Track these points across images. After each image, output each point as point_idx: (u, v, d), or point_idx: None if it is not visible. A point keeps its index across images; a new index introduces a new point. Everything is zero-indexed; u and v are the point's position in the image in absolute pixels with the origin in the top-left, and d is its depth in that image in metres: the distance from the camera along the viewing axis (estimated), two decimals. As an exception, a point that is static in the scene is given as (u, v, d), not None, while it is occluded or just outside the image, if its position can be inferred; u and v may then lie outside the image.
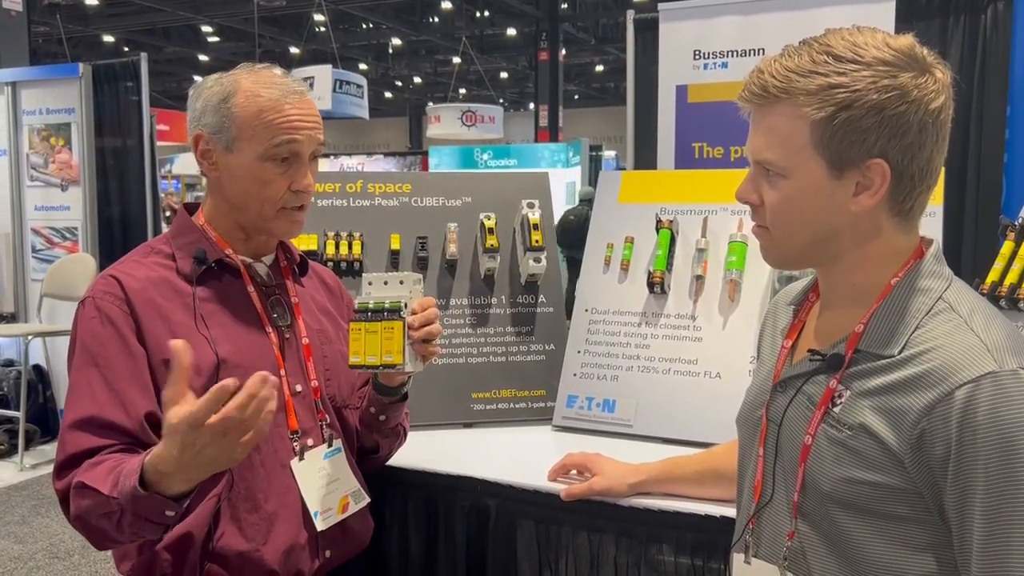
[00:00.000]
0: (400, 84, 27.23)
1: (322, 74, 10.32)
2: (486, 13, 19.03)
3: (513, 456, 1.93)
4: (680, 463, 1.62)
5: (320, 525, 1.47)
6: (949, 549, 1.01)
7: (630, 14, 4.32)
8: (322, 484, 1.50)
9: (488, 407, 2.15)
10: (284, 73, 1.49)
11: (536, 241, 2.19)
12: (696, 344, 2.03)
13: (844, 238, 1.08)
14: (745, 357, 1.95)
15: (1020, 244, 1.99)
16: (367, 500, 1.58)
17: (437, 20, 19.74)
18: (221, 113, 1.44)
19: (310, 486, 1.48)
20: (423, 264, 2.21)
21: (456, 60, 20.82)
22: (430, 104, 17.09)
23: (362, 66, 21.82)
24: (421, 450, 1.81)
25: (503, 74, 25.34)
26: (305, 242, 2.12)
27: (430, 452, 1.84)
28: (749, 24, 3.64)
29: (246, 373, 1.37)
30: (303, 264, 1.65)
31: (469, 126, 13.48)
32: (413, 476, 1.77)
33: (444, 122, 13.62)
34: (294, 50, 19.63)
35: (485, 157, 10.64)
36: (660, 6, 3.89)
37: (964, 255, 3.54)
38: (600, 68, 24.35)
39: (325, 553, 1.50)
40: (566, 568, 1.65)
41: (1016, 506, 0.95)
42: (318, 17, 15.73)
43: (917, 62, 1.03)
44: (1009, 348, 0.99)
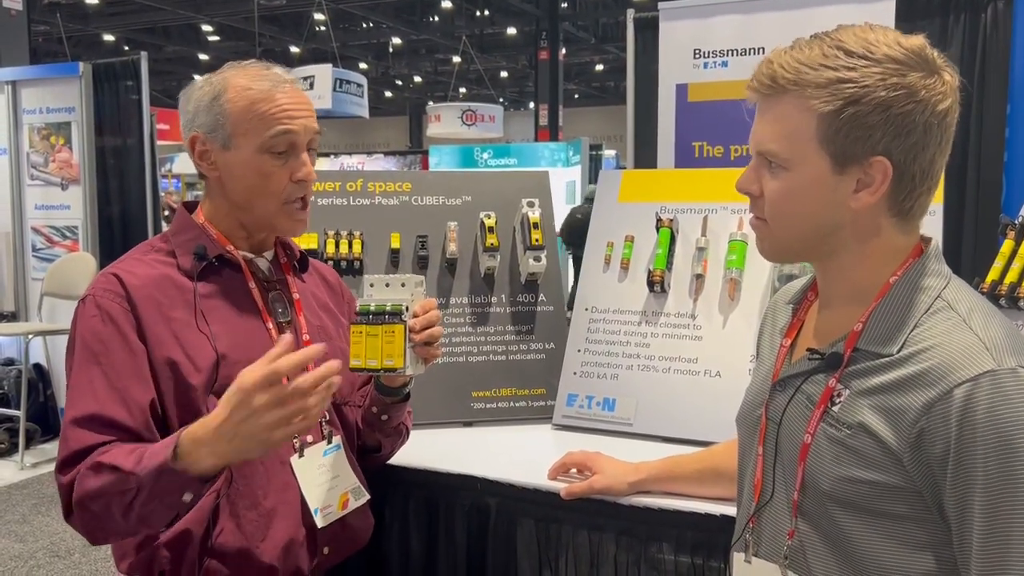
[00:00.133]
0: (400, 83, 27.23)
1: (322, 73, 10.31)
2: (486, 12, 19.02)
3: (513, 455, 1.93)
4: (680, 462, 1.62)
5: (320, 522, 1.47)
6: (948, 548, 1.01)
7: (630, 13, 4.32)
8: (322, 481, 1.50)
9: (488, 406, 2.15)
10: (271, 66, 1.49)
11: (536, 240, 2.19)
12: (696, 343, 2.03)
13: (842, 235, 1.08)
14: (745, 356, 1.95)
15: (1020, 243, 1.99)
16: (367, 497, 1.58)
17: (437, 19, 19.74)
18: (214, 112, 1.44)
19: (310, 483, 1.48)
20: (423, 263, 2.22)
21: (456, 59, 20.82)
22: (430, 103, 17.09)
23: (362, 65, 21.82)
24: (421, 449, 1.81)
25: (503, 73, 25.34)
26: (305, 241, 2.12)
27: (430, 451, 1.84)
28: (749, 23, 3.64)
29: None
30: (303, 260, 1.65)
31: (469, 125, 13.47)
32: (413, 475, 1.77)
33: (444, 121, 13.61)
34: (294, 49, 19.63)
35: (485, 156, 10.63)
36: (660, 5, 3.89)
37: (964, 254, 3.54)
38: (600, 67, 24.35)
39: (324, 550, 1.50)
40: (566, 567, 1.65)
41: (1015, 504, 0.95)
42: (318, 16, 15.73)
43: (927, 63, 1.03)
44: (1008, 347, 0.99)
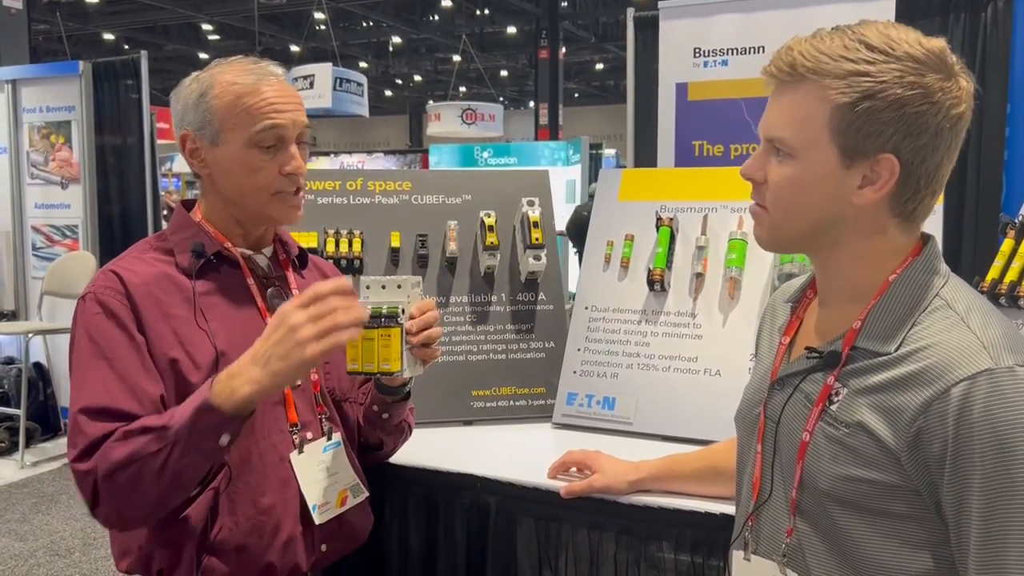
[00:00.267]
0: (400, 82, 27.23)
1: (322, 72, 10.31)
2: (486, 11, 19.02)
3: (513, 454, 1.93)
4: (680, 460, 1.62)
5: (318, 518, 1.47)
6: (946, 546, 1.01)
7: (630, 12, 4.32)
8: (321, 477, 1.50)
9: (488, 405, 2.16)
10: (259, 60, 1.49)
11: (536, 239, 2.19)
12: (696, 342, 2.03)
13: (842, 229, 1.08)
14: (745, 355, 1.95)
15: (1020, 242, 1.99)
16: (365, 495, 1.58)
17: (437, 18, 19.74)
18: (201, 108, 1.45)
19: (308, 479, 1.48)
20: (423, 262, 2.22)
21: (456, 58, 20.81)
22: (430, 102, 17.08)
23: (362, 64, 21.83)
24: (421, 448, 1.81)
25: (503, 72, 25.33)
26: (305, 239, 2.12)
27: (430, 450, 1.84)
28: (749, 22, 3.64)
29: None
30: (303, 257, 1.65)
31: (469, 124, 13.45)
32: (413, 473, 1.78)
33: (444, 120, 13.60)
34: (294, 48, 19.62)
35: (485, 155, 10.61)
36: (660, 4, 3.89)
37: (964, 253, 3.54)
38: (600, 66, 24.34)
39: (322, 547, 1.50)
40: (566, 566, 1.65)
41: (1012, 503, 0.95)
42: (318, 15, 15.73)
43: (946, 66, 1.02)
44: (1005, 345, 0.99)
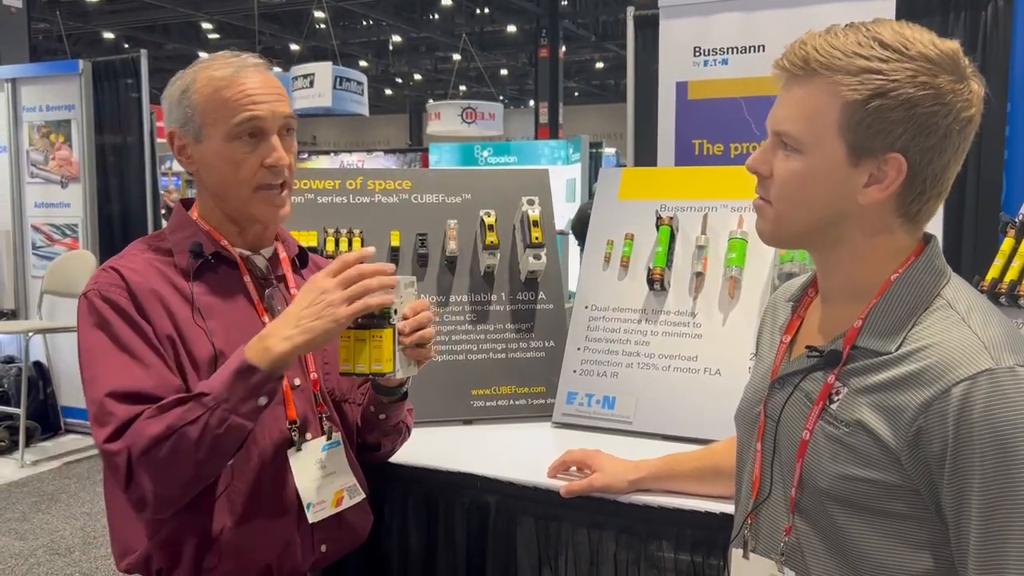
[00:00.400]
0: (400, 81, 27.22)
1: (322, 71, 10.30)
2: (486, 10, 19.02)
3: (513, 453, 1.93)
4: (680, 460, 1.62)
5: (312, 517, 1.47)
6: (946, 546, 1.01)
7: (630, 11, 4.32)
8: (317, 476, 1.50)
9: (488, 404, 2.16)
10: (240, 53, 1.49)
11: (536, 238, 2.19)
12: (696, 341, 2.03)
13: (845, 227, 1.08)
14: (745, 354, 1.95)
15: (1020, 241, 1.99)
16: (362, 495, 1.57)
17: (437, 17, 19.74)
18: (184, 105, 1.46)
19: (305, 477, 1.48)
20: (423, 261, 2.22)
21: (456, 57, 20.81)
22: (430, 101, 17.07)
23: (362, 63, 21.83)
24: (421, 447, 1.81)
25: (503, 71, 25.33)
26: (305, 238, 2.12)
27: (430, 449, 1.84)
28: (749, 21, 3.63)
29: None
30: (303, 256, 1.65)
31: (469, 123, 13.44)
32: (413, 473, 1.78)
33: (444, 119, 13.58)
34: (294, 47, 19.62)
35: (485, 154, 10.61)
36: (660, 3, 3.88)
37: (964, 252, 3.54)
38: (600, 65, 24.34)
39: (320, 548, 1.50)
40: (566, 565, 1.65)
41: (1012, 503, 0.95)
42: (318, 14, 15.72)
43: (959, 68, 1.02)
44: (1006, 345, 0.99)
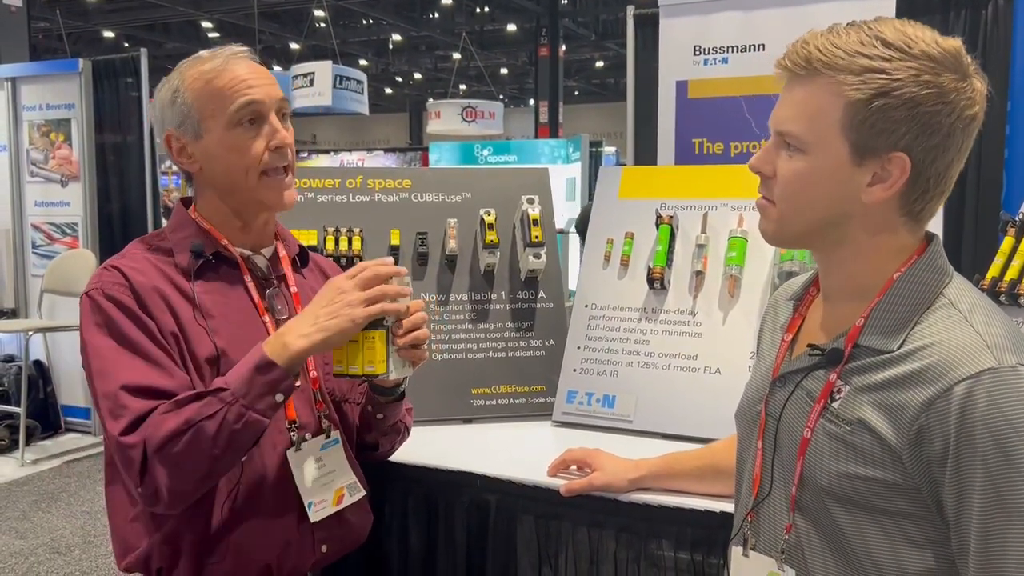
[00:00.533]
0: (400, 80, 27.21)
1: (322, 70, 10.29)
2: (486, 9, 19.01)
3: (513, 452, 1.93)
4: (680, 459, 1.62)
5: (313, 516, 1.47)
6: (947, 545, 1.01)
7: (630, 10, 4.32)
8: (318, 475, 1.50)
9: (488, 403, 2.16)
10: (220, 48, 1.49)
11: (536, 237, 2.19)
12: (696, 340, 2.03)
13: (849, 227, 1.08)
14: (745, 353, 1.95)
15: (1020, 240, 1.99)
16: (363, 493, 1.57)
17: (437, 16, 19.73)
18: (177, 105, 1.46)
19: (305, 476, 1.48)
20: (423, 260, 2.22)
21: (456, 56, 20.79)
22: (430, 100, 17.05)
23: (362, 62, 21.82)
24: (421, 446, 1.81)
25: (503, 70, 25.32)
26: (305, 237, 2.12)
27: (430, 448, 1.84)
28: (749, 19, 3.63)
29: None
30: (303, 255, 1.65)
31: (469, 122, 13.42)
32: (413, 472, 1.78)
33: (444, 118, 13.57)
34: (294, 46, 19.62)
35: (485, 153, 10.60)
36: (660, 1, 3.87)
37: (964, 251, 3.54)
38: (600, 64, 24.33)
39: (321, 547, 1.50)
40: (566, 564, 1.65)
41: (1013, 502, 0.95)
42: (318, 13, 15.71)
43: (962, 66, 1.02)
44: (1008, 345, 0.99)
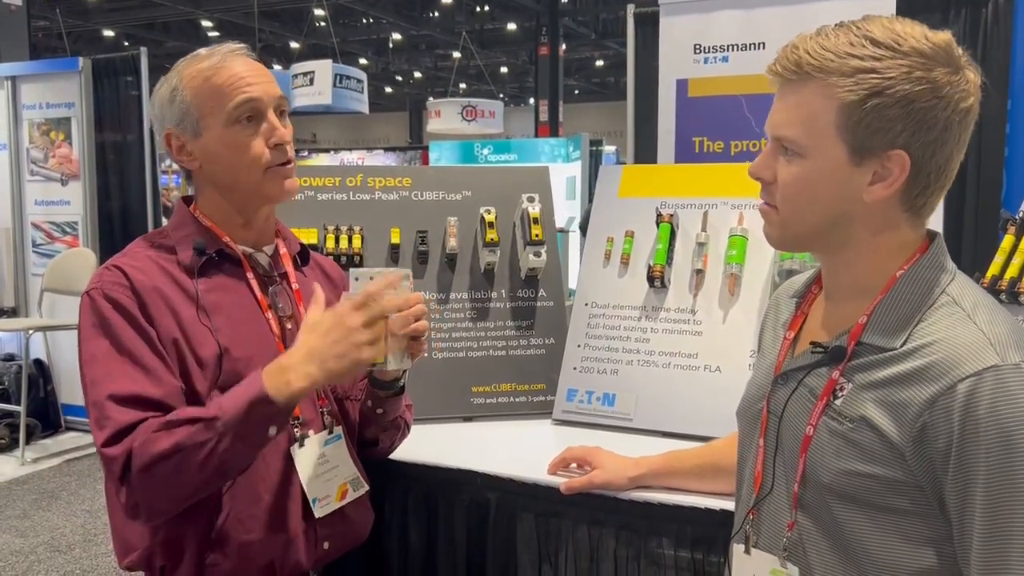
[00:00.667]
0: (400, 79, 27.20)
1: (322, 69, 10.28)
2: (486, 8, 19.01)
3: (513, 450, 1.93)
4: (680, 457, 1.62)
5: (317, 511, 1.47)
6: (949, 543, 1.01)
7: (630, 8, 4.32)
8: (321, 471, 1.50)
9: (488, 401, 2.16)
10: (217, 46, 1.49)
11: (536, 235, 2.19)
12: (696, 338, 2.03)
13: (852, 227, 1.08)
14: (745, 351, 1.95)
15: (1020, 238, 1.99)
16: (365, 488, 1.58)
17: (437, 15, 19.72)
18: (176, 103, 1.46)
19: (309, 473, 1.48)
20: (423, 258, 2.21)
21: (456, 55, 20.78)
22: (430, 99, 17.04)
23: (362, 61, 21.80)
24: (421, 444, 1.81)
25: (503, 69, 25.31)
26: (305, 235, 2.12)
27: (430, 446, 1.84)
28: (749, 18, 3.63)
29: (248, 362, 1.40)
30: (304, 253, 1.65)
31: (469, 121, 13.41)
32: (413, 470, 1.77)
33: (444, 117, 13.56)
34: (294, 45, 19.61)
35: (485, 152, 10.59)
36: (660, 0, 3.88)
37: (964, 249, 3.54)
38: (600, 63, 24.31)
39: (324, 544, 1.50)
40: (566, 562, 1.65)
41: (1016, 500, 0.95)
42: (318, 12, 15.71)
43: (953, 59, 1.02)
44: (1012, 342, 0.99)
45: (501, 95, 24.87)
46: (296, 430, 1.48)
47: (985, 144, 3.55)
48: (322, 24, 17.47)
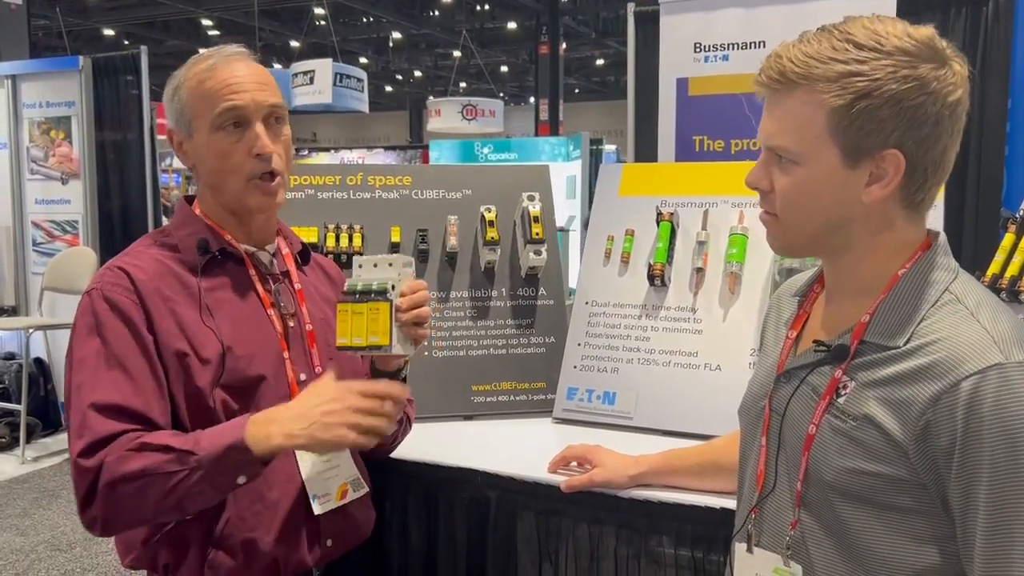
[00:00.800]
0: (400, 78, 27.20)
1: (322, 68, 10.29)
2: (486, 7, 19.01)
3: (513, 448, 1.93)
4: (680, 455, 1.62)
5: (317, 509, 1.47)
6: (952, 541, 1.01)
7: (631, 7, 4.31)
8: (321, 469, 1.50)
9: (488, 399, 2.16)
10: (224, 46, 1.49)
11: (536, 234, 2.19)
12: (696, 336, 2.03)
13: (854, 229, 1.08)
14: (745, 349, 1.95)
15: (1021, 237, 1.99)
16: (365, 489, 1.58)
17: (437, 14, 19.72)
18: (175, 102, 1.47)
19: (310, 470, 1.48)
20: (424, 257, 2.21)
21: (456, 54, 20.78)
22: (430, 98, 17.04)
23: (362, 60, 21.80)
24: (422, 442, 1.81)
25: (503, 68, 25.32)
26: (305, 234, 2.12)
27: (431, 444, 1.84)
28: (750, 17, 3.63)
29: (252, 360, 1.40)
30: (305, 253, 1.65)
31: (469, 120, 13.41)
32: (413, 468, 1.78)
33: (444, 116, 13.56)
34: (294, 44, 19.61)
35: (486, 151, 10.58)
36: (661, -1, 3.88)
37: (965, 248, 3.54)
38: (600, 62, 24.31)
39: (326, 542, 1.50)
40: (566, 560, 1.65)
41: (1019, 498, 0.94)
42: (318, 11, 15.72)
43: (937, 54, 1.02)
44: (1015, 340, 0.99)
45: (501, 94, 24.87)
46: None
47: (985, 143, 3.55)
48: (322, 23, 17.48)
